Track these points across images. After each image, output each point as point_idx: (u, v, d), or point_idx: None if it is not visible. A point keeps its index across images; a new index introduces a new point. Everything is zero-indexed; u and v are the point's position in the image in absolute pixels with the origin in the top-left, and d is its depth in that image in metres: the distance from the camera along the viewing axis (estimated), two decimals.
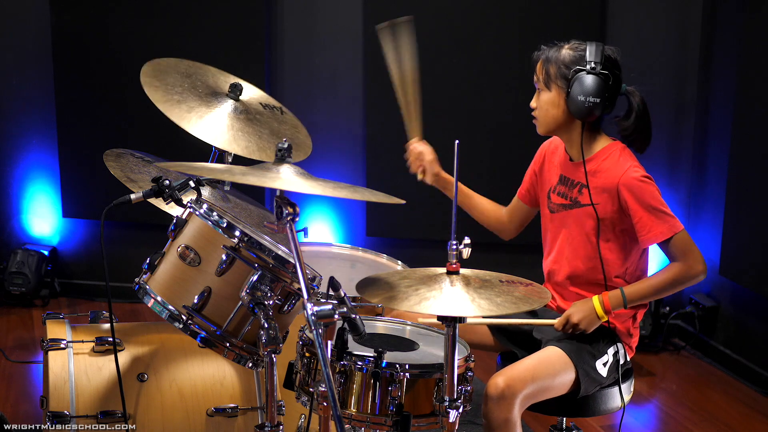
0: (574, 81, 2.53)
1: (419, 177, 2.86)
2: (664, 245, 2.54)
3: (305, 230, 2.12)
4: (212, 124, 2.62)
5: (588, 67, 2.53)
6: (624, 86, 2.59)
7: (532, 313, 2.73)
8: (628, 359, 2.67)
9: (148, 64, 2.69)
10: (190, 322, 2.22)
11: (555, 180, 2.72)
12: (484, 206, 2.93)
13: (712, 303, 4.43)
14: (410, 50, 2.79)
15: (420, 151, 2.85)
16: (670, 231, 2.51)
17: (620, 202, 2.55)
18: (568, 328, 2.55)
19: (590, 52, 2.55)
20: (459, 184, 2.87)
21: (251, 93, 2.84)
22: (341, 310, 1.98)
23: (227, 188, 2.74)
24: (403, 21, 2.78)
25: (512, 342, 2.72)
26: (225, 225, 2.23)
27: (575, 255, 2.64)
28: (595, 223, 2.59)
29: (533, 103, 2.66)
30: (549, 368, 2.50)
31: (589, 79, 2.52)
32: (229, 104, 2.71)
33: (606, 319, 2.55)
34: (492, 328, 2.74)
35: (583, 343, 2.57)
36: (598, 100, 2.53)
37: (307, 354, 2.22)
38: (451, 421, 2.10)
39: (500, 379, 2.41)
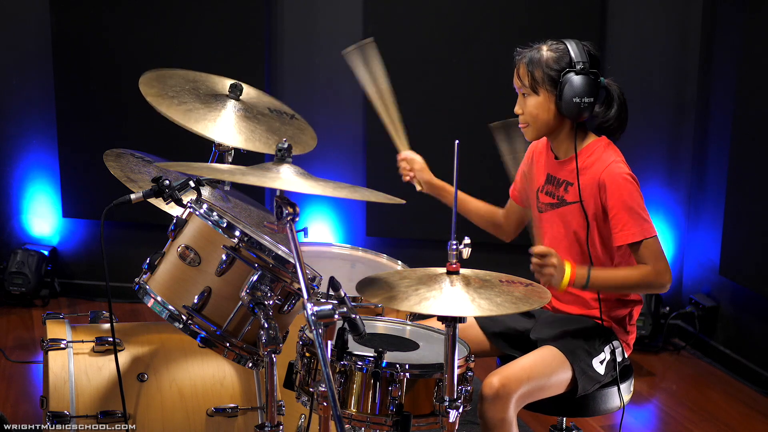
0: (564, 83, 2.52)
1: (417, 186, 2.90)
2: (635, 248, 2.52)
3: (305, 230, 2.12)
4: (208, 117, 2.62)
5: (577, 67, 2.52)
6: (602, 79, 2.56)
7: (528, 315, 2.73)
8: (626, 357, 2.67)
9: (146, 74, 2.69)
10: (190, 322, 2.22)
11: (542, 180, 2.72)
12: (480, 209, 2.94)
13: (712, 303, 4.43)
14: (380, 69, 2.83)
15: (410, 159, 2.89)
16: (642, 234, 2.50)
17: (600, 197, 2.55)
18: (543, 261, 2.44)
19: (575, 51, 2.54)
20: (451, 189, 2.88)
21: (261, 98, 2.85)
22: (341, 310, 1.98)
23: (227, 188, 2.74)
24: (368, 42, 2.82)
25: (510, 345, 2.71)
26: (225, 225, 2.23)
27: (565, 253, 2.64)
28: (583, 220, 2.59)
29: (518, 109, 2.63)
30: (545, 367, 2.49)
31: (580, 80, 2.51)
32: (230, 104, 2.72)
33: (563, 287, 2.47)
34: (488, 333, 2.74)
35: (579, 341, 2.56)
36: (592, 100, 2.52)
37: (307, 354, 2.22)
38: (451, 421, 2.10)
39: (495, 379, 2.41)
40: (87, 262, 4.88)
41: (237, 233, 2.21)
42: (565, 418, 2.75)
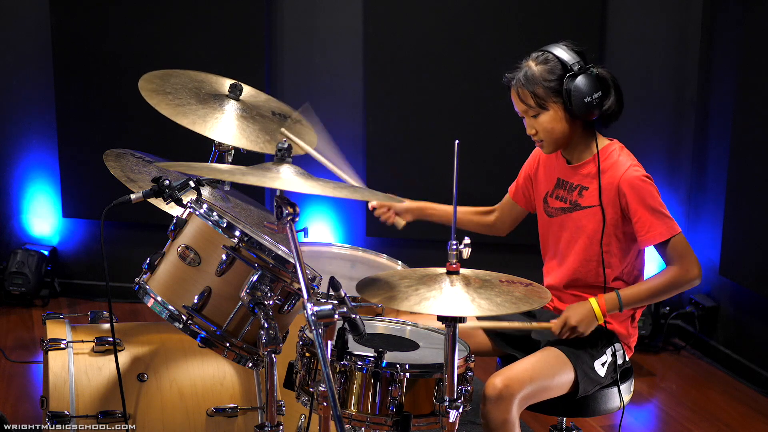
0: (570, 90, 2.51)
1: (400, 224, 2.86)
2: (662, 247, 2.53)
3: (305, 230, 2.12)
4: (199, 113, 2.62)
5: (574, 69, 2.52)
6: (593, 71, 2.54)
7: (530, 315, 2.73)
8: (627, 359, 2.67)
9: (146, 76, 2.69)
10: (190, 322, 2.22)
11: (552, 184, 2.71)
12: (468, 219, 2.93)
13: (712, 303, 4.43)
14: (317, 128, 2.78)
15: (379, 203, 2.85)
16: (669, 232, 2.51)
17: (620, 202, 2.55)
18: (566, 331, 2.54)
19: (563, 55, 2.53)
20: (439, 205, 2.86)
21: (269, 102, 2.85)
22: (341, 310, 1.98)
23: (227, 188, 2.74)
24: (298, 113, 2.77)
25: (511, 345, 2.71)
26: (225, 225, 2.23)
27: (575, 258, 2.64)
28: (597, 225, 2.58)
29: (530, 130, 2.61)
30: (547, 369, 2.50)
31: (583, 80, 2.51)
32: (228, 104, 2.71)
33: (603, 321, 2.55)
34: (489, 333, 2.74)
35: (581, 343, 2.56)
36: (600, 93, 2.52)
37: (307, 354, 2.22)
38: (451, 421, 2.10)
39: (498, 380, 2.41)
40: (87, 262, 4.88)
41: (237, 233, 2.21)
42: (565, 419, 2.75)
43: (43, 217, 4.85)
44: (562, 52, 2.54)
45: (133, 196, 2.33)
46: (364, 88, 4.62)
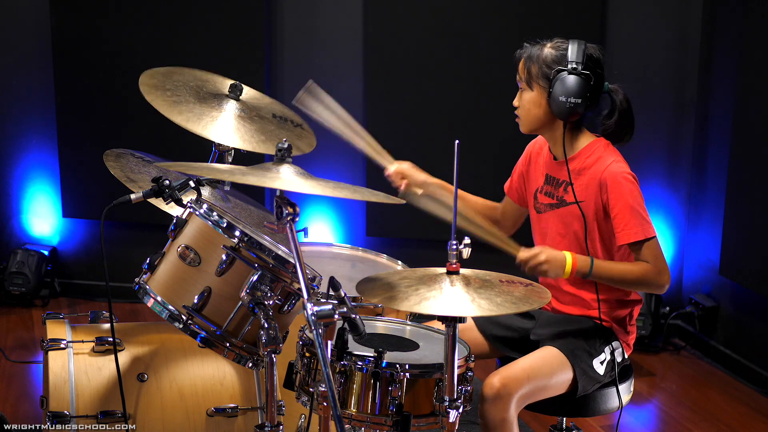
0: (555, 81, 2.53)
1: (418, 191, 2.82)
2: (635, 248, 2.52)
3: (305, 230, 2.12)
4: (202, 116, 2.61)
5: (569, 67, 2.53)
6: (607, 84, 2.58)
7: (529, 316, 2.73)
8: (626, 357, 2.67)
9: (149, 71, 2.68)
10: (190, 322, 2.22)
11: (541, 180, 2.72)
12: (477, 205, 2.92)
13: (712, 303, 4.43)
14: (333, 101, 2.72)
15: (397, 170, 2.83)
16: (644, 234, 2.51)
17: (602, 197, 2.55)
18: (532, 262, 2.47)
19: (572, 51, 2.54)
20: (449, 185, 2.86)
21: (272, 106, 2.85)
22: (341, 310, 1.98)
23: (227, 188, 2.74)
24: (310, 84, 2.70)
25: (510, 347, 2.71)
26: (225, 225, 2.23)
27: None
28: (582, 221, 2.59)
29: (516, 102, 2.66)
30: (545, 368, 2.50)
31: (570, 80, 2.51)
32: (230, 103, 2.71)
33: (567, 276, 2.50)
34: (488, 335, 2.73)
35: (579, 342, 2.57)
36: (579, 101, 2.52)
37: (307, 354, 2.22)
38: (451, 421, 2.10)
39: (496, 379, 2.41)
40: (87, 262, 4.88)
41: (237, 233, 2.21)
42: (565, 418, 2.75)
43: (43, 217, 4.85)
44: (573, 48, 2.55)
45: (133, 196, 2.33)
46: (364, 88, 4.62)
